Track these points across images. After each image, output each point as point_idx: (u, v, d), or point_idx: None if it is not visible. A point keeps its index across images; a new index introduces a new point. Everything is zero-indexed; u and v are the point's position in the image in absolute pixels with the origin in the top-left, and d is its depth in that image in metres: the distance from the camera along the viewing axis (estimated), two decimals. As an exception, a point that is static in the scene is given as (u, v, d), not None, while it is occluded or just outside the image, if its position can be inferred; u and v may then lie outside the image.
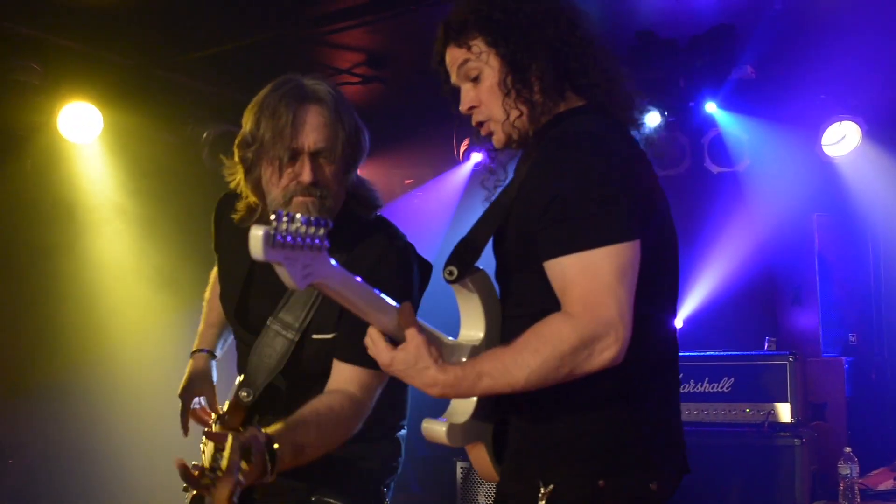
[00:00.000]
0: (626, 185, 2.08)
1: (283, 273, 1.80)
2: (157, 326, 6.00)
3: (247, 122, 2.56)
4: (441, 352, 2.08)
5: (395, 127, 7.14)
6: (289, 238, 1.76)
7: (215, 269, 3.02)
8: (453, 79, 2.36)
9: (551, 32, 2.23)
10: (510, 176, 2.39)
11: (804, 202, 6.03)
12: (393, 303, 2.07)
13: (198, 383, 2.91)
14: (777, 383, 5.16)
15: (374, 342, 2.08)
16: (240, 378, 2.70)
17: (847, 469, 4.79)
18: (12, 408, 5.80)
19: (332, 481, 2.68)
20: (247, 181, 2.60)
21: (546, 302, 2.08)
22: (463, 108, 2.34)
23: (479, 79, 2.29)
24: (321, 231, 1.81)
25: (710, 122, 6.33)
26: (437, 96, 2.47)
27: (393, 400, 2.79)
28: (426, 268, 2.77)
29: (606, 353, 1.99)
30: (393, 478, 2.87)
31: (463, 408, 2.21)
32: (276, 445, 2.27)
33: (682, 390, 5.43)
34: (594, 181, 2.06)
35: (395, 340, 2.09)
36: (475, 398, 2.18)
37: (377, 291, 2.04)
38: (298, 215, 1.78)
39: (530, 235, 2.12)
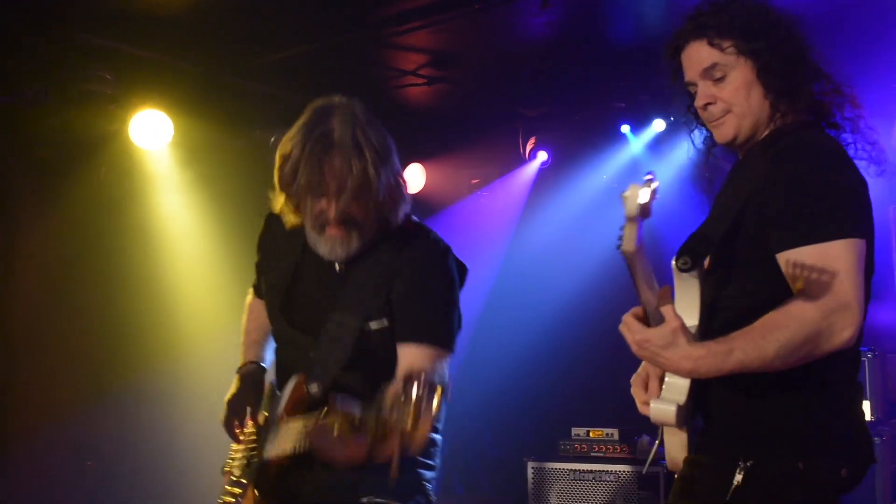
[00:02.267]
0: (859, 191, 2.29)
1: (631, 232, 1.90)
2: (229, 331, 6.06)
3: (282, 159, 2.78)
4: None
5: (460, 127, 7.15)
6: (648, 200, 1.88)
7: (249, 296, 3.23)
8: (690, 75, 2.51)
9: (795, 50, 2.44)
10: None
11: (880, 194, 5.83)
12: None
13: (247, 390, 2.96)
14: (856, 380, 5.04)
15: (630, 323, 2.18)
16: (295, 378, 2.75)
17: (930, 468, 4.67)
18: (89, 411, 5.91)
19: (376, 478, 2.70)
20: (288, 205, 2.83)
21: (769, 295, 2.20)
22: (699, 103, 2.49)
23: (724, 79, 2.44)
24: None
25: (781, 115, 6.21)
26: (501, 96, 2.52)
27: None
28: (463, 270, 2.92)
29: (845, 332, 2.13)
30: (434, 476, 2.91)
31: (679, 390, 2.29)
32: None
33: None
34: (828, 186, 2.24)
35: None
36: (688, 382, 2.27)
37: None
38: (649, 176, 1.89)
39: (763, 235, 2.26)
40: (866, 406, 4.99)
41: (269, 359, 3.11)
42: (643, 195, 1.88)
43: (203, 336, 6.19)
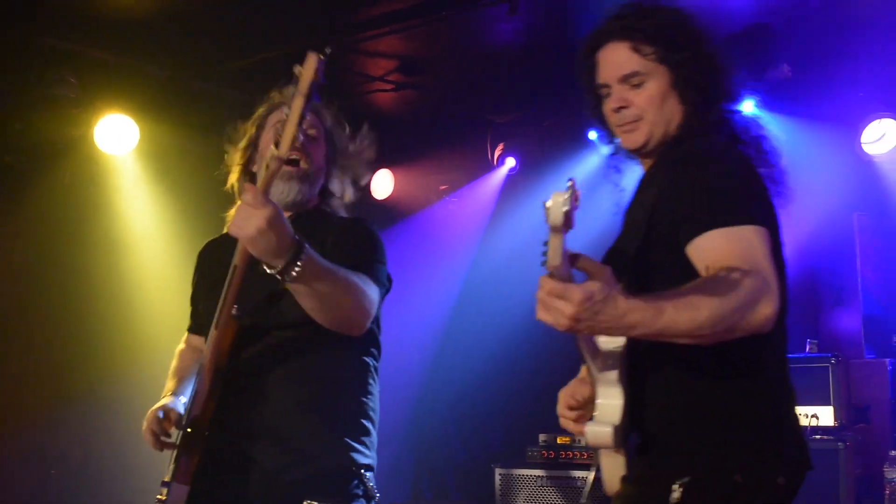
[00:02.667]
0: (760, 192, 2.26)
1: (557, 244, 1.82)
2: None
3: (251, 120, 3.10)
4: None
5: (428, 133, 7.15)
6: (571, 208, 1.80)
7: (181, 343, 3.28)
8: (606, 76, 2.47)
9: (713, 64, 2.42)
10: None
11: (844, 202, 5.94)
12: None
13: (169, 407, 2.91)
14: (819, 386, 5.08)
15: (555, 288, 1.95)
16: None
17: (893, 473, 4.71)
18: (54, 418, 5.85)
19: (315, 479, 2.71)
20: (244, 155, 3.06)
21: None
22: (613, 105, 2.45)
23: (641, 86, 2.41)
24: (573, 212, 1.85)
25: (746, 123, 6.26)
26: (470, 102, 2.52)
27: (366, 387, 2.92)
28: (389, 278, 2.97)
29: (767, 308, 2.03)
30: (372, 462, 2.87)
31: (612, 410, 2.22)
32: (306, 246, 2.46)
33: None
34: (733, 179, 2.22)
35: None
36: (621, 402, 2.20)
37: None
38: (570, 182, 1.84)
39: (675, 239, 2.21)
40: (829, 412, 5.03)
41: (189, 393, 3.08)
42: (567, 203, 1.80)
43: (168, 342, 6.09)
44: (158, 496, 2.81)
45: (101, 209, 6.05)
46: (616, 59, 2.44)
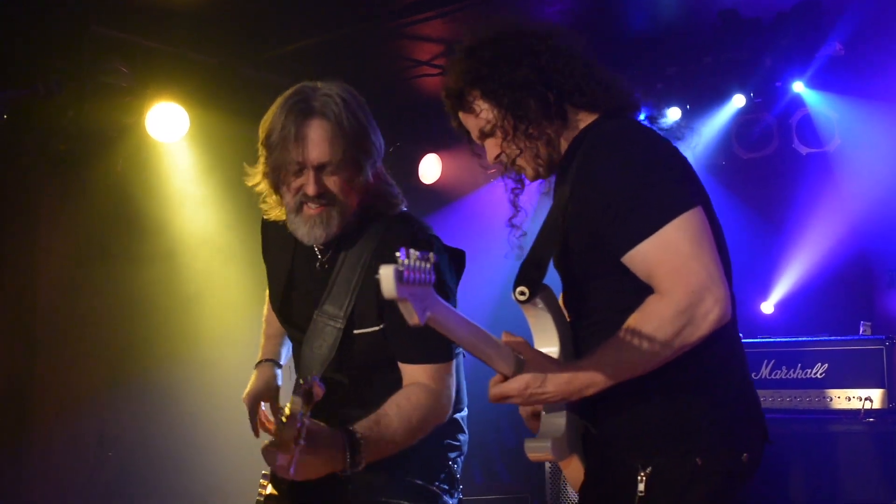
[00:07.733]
0: (672, 163, 2.24)
1: (407, 309, 1.82)
2: (248, 322, 6.08)
3: (262, 131, 2.74)
4: None
5: (475, 117, 7.13)
6: (411, 275, 1.79)
7: (265, 306, 3.20)
8: (474, 138, 2.53)
9: (534, 65, 2.36)
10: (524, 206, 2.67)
11: (898, 180, 5.86)
12: (492, 336, 2.11)
13: (261, 388, 2.98)
14: (873, 368, 5.01)
15: (500, 387, 2.13)
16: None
17: (949, 455, 4.63)
18: (109, 402, 5.95)
19: (395, 463, 2.70)
20: (269, 183, 2.77)
21: (620, 303, 2.18)
22: (490, 160, 2.50)
23: (493, 131, 2.43)
24: (428, 265, 1.83)
25: (797, 102, 6.19)
26: None
27: None
28: (459, 255, 2.91)
29: (711, 315, 2.08)
30: (459, 454, 2.90)
31: (555, 423, 2.27)
32: (358, 435, 2.43)
33: (775, 377, 5.36)
34: (642, 166, 2.20)
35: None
36: (563, 412, 2.27)
37: (480, 326, 2.06)
38: (413, 251, 1.80)
39: (597, 238, 2.23)
40: (882, 394, 4.97)
41: (285, 355, 3.13)
42: (397, 274, 1.76)
43: (222, 327, 6.22)
44: (260, 490, 2.86)
45: (153, 195, 6.13)
46: (466, 127, 2.51)
